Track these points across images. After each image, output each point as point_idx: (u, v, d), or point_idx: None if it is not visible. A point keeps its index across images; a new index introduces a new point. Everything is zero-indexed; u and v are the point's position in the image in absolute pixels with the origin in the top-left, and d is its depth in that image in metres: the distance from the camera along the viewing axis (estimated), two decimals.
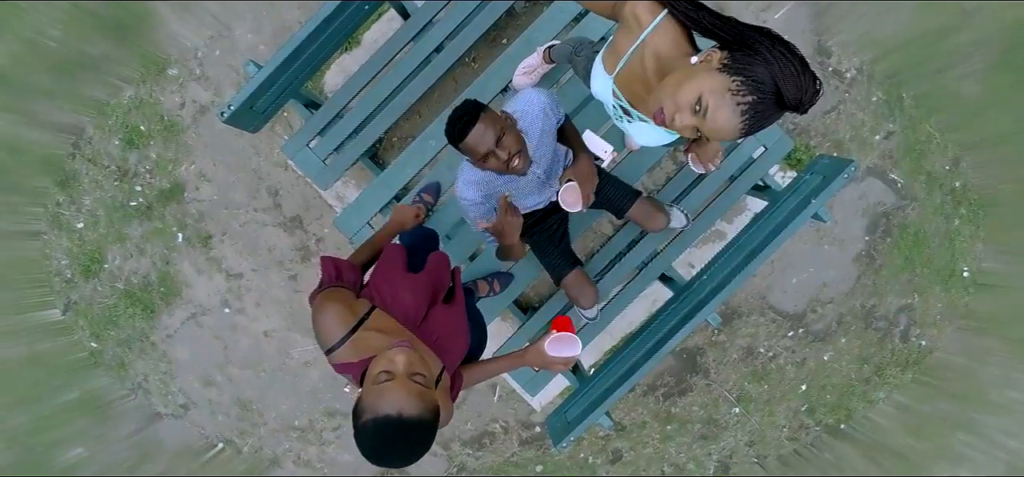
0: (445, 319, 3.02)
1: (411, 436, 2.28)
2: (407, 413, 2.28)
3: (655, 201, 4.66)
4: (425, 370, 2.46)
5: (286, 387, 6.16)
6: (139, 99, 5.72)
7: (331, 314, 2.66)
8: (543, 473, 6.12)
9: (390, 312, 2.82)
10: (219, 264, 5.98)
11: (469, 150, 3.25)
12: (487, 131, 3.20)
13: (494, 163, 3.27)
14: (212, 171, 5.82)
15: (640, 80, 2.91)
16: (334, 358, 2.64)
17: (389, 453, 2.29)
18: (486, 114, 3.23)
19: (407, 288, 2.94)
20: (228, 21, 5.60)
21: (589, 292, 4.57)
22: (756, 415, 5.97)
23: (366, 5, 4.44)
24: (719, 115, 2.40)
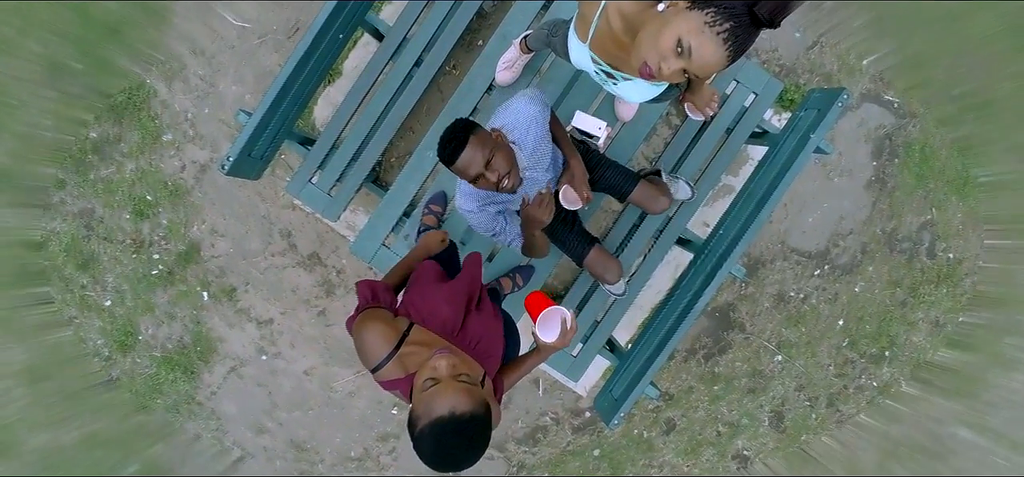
0: (482, 325, 3.02)
1: (467, 432, 2.29)
2: (459, 410, 2.30)
3: (656, 182, 4.64)
4: (469, 371, 2.50)
5: (335, 421, 6.12)
6: (141, 170, 5.72)
7: (373, 334, 2.68)
8: (601, 456, 6.04)
9: (428, 326, 2.83)
10: (248, 314, 5.96)
11: (460, 172, 3.19)
12: (476, 153, 3.13)
13: (484, 184, 3.22)
14: (223, 225, 5.80)
15: (612, 40, 2.93)
16: (380, 376, 2.65)
17: (451, 454, 2.29)
18: (475, 135, 3.16)
19: (442, 299, 2.93)
20: (211, 79, 5.59)
21: (612, 265, 4.50)
22: (799, 359, 5.86)
23: (340, 35, 4.41)
24: (704, 51, 2.41)
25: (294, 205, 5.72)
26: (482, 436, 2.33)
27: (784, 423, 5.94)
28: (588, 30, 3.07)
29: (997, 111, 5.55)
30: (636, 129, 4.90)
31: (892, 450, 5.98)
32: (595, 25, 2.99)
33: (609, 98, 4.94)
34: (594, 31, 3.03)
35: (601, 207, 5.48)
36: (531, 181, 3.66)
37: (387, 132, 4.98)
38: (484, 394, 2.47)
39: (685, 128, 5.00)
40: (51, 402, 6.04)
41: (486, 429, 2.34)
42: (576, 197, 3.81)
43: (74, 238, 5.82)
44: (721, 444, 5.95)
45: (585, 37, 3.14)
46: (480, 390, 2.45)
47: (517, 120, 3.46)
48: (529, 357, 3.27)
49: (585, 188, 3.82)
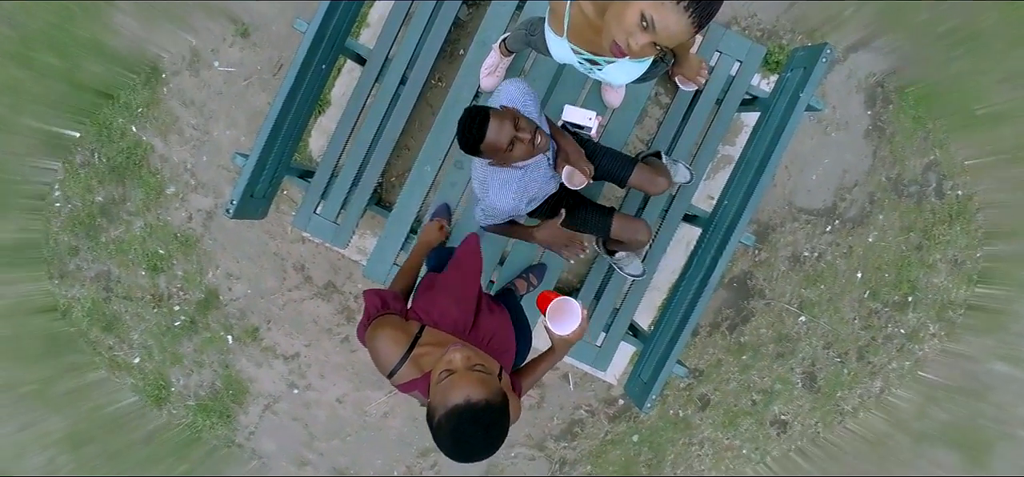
0: (493, 322, 3.00)
1: (483, 420, 2.27)
2: (475, 398, 2.27)
3: (654, 164, 4.60)
4: (483, 362, 2.47)
5: (374, 443, 6.11)
6: (149, 226, 5.75)
7: (386, 339, 2.67)
8: (641, 441, 5.98)
9: (439, 327, 2.81)
10: (274, 351, 5.96)
11: (491, 148, 3.21)
12: (502, 122, 3.18)
13: (520, 149, 3.25)
14: (238, 268, 5.81)
15: (589, 27, 2.98)
16: (397, 380, 2.64)
17: (468, 442, 2.27)
18: (493, 111, 3.20)
19: (451, 301, 2.91)
20: (205, 127, 5.61)
21: (640, 226, 4.40)
22: (823, 317, 5.78)
23: (323, 65, 4.41)
24: (667, 22, 2.47)
25: (303, 238, 5.71)
26: (499, 425, 2.31)
27: (817, 383, 5.86)
28: (562, 23, 3.11)
29: (985, 43, 5.44)
30: (627, 113, 4.86)
31: (931, 395, 5.90)
32: (568, 16, 3.03)
33: (596, 88, 4.92)
34: (568, 22, 3.07)
35: (603, 195, 5.39)
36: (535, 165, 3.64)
37: (383, 153, 4.97)
38: (500, 385, 2.44)
39: (676, 105, 4.95)
40: (96, 464, 6.08)
41: (502, 417, 2.31)
42: (579, 175, 3.78)
43: (95, 302, 5.86)
44: (757, 412, 5.88)
45: (561, 30, 3.17)
46: (495, 380, 2.43)
47: (512, 98, 3.44)
48: (544, 358, 3.22)
49: (584, 162, 3.79)
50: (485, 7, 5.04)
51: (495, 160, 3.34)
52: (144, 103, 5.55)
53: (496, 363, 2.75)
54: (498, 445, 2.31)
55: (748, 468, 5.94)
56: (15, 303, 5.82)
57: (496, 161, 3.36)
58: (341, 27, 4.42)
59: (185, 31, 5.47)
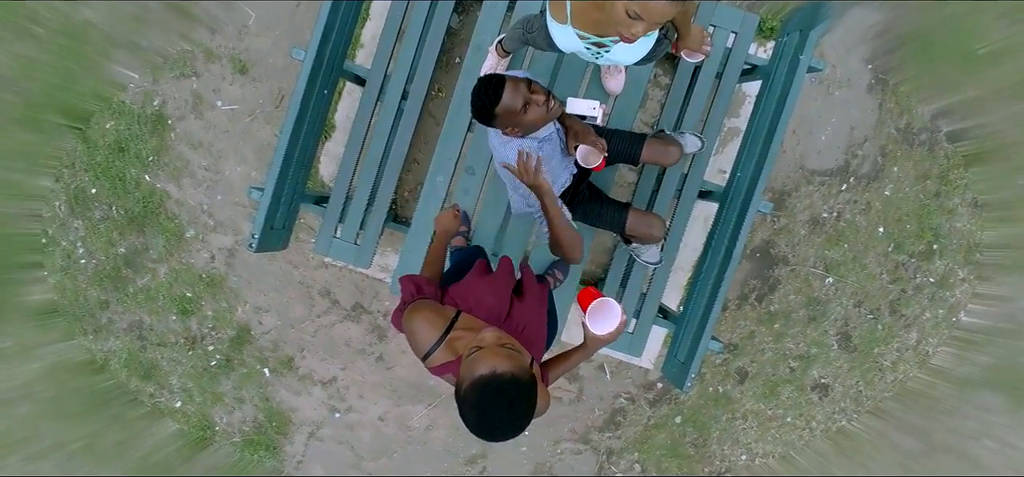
0: (526, 312, 3.01)
1: (508, 393, 2.27)
2: (500, 370, 2.28)
3: (663, 136, 4.57)
4: (513, 344, 2.48)
5: (421, 457, 6.11)
6: (174, 271, 5.79)
7: (422, 322, 2.71)
8: (684, 421, 5.94)
9: (475, 314, 2.83)
10: (311, 378, 5.97)
11: (506, 112, 3.25)
12: (518, 85, 3.22)
13: (534, 112, 3.28)
14: (265, 301, 5.83)
15: (593, 7, 3.01)
16: (431, 362, 2.65)
17: (491, 415, 2.29)
18: (505, 78, 3.24)
19: (487, 289, 2.94)
20: (215, 167, 5.65)
21: (654, 220, 4.45)
22: (850, 276, 5.70)
23: (324, 91, 4.44)
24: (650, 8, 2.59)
25: (325, 263, 5.72)
26: (524, 400, 2.30)
27: (853, 342, 5.79)
28: (565, 11, 3.16)
29: None
30: (629, 98, 4.82)
31: (969, 339, 5.81)
32: (569, 4, 3.09)
33: (596, 78, 4.91)
34: (570, 10, 3.12)
35: (616, 182, 5.38)
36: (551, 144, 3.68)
37: (393, 170, 4.98)
38: (528, 364, 2.45)
39: (676, 84, 4.93)
40: None
41: (528, 394, 2.30)
42: (594, 151, 3.80)
43: (131, 352, 5.90)
44: (796, 379, 5.82)
45: (565, 18, 3.22)
46: (524, 357, 2.47)
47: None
48: (575, 352, 3.22)
49: (595, 137, 3.81)
50: (476, 13, 5.04)
51: (510, 129, 3.37)
52: (154, 151, 5.60)
53: (528, 354, 2.74)
54: (522, 423, 2.33)
55: (793, 435, 5.88)
56: (54, 363, 5.88)
57: (511, 130, 3.38)
58: (337, 51, 4.44)
59: (186, 76, 5.51)
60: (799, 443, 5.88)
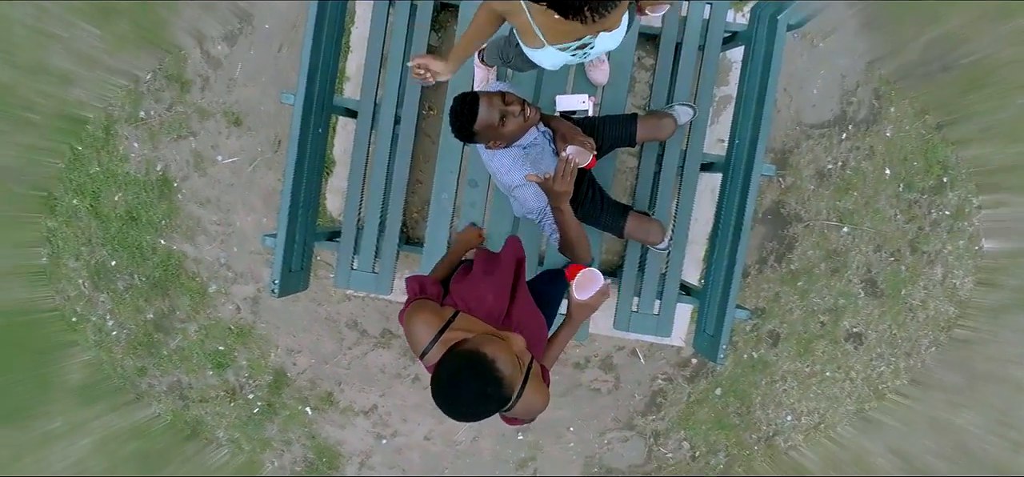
0: (525, 312, 3.05)
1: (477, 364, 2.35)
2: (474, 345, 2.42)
3: (655, 112, 4.59)
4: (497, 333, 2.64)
5: (472, 469, 6.11)
6: (203, 328, 5.84)
7: (419, 321, 2.75)
8: (724, 393, 5.90)
9: (474, 314, 2.87)
10: (352, 409, 5.98)
11: (485, 127, 3.29)
12: (492, 99, 3.26)
13: (512, 123, 3.32)
14: (295, 342, 5.86)
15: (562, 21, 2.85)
16: (428, 360, 2.69)
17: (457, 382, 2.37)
18: (479, 93, 3.28)
19: (487, 289, 2.97)
20: (226, 220, 5.70)
21: (653, 227, 4.47)
22: (865, 222, 5.63)
23: (319, 129, 4.45)
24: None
25: (348, 295, 5.74)
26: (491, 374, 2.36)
27: (879, 287, 5.71)
28: (536, 35, 3.13)
29: None
30: (617, 85, 4.81)
31: (995, 266, 5.70)
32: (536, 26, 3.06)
33: (581, 72, 4.89)
34: (540, 31, 3.09)
35: (617, 168, 5.35)
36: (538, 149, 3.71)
37: (398, 194, 4.99)
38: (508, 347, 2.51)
39: (661, 63, 4.90)
40: None
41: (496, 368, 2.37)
42: (582, 151, 3.68)
43: (175, 413, 5.96)
44: (829, 333, 5.75)
45: (540, 43, 3.20)
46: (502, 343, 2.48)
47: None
48: (562, 330, 3.30)
49: (581, 135, 3.80)
50: (453, 28, 5.08)
51: (492, 142, 3.40)
52: (165, 215, 5.66)
53: (528, 353, 2.81)
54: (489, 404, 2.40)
55: (835, 389, 5.81)
56: (102, 437, 5.95)
57: (493, 143, 3.41)
58: (325, 88, 4.45)
59: (183, 137, 5.59)
60: (842, 395, 5.80)
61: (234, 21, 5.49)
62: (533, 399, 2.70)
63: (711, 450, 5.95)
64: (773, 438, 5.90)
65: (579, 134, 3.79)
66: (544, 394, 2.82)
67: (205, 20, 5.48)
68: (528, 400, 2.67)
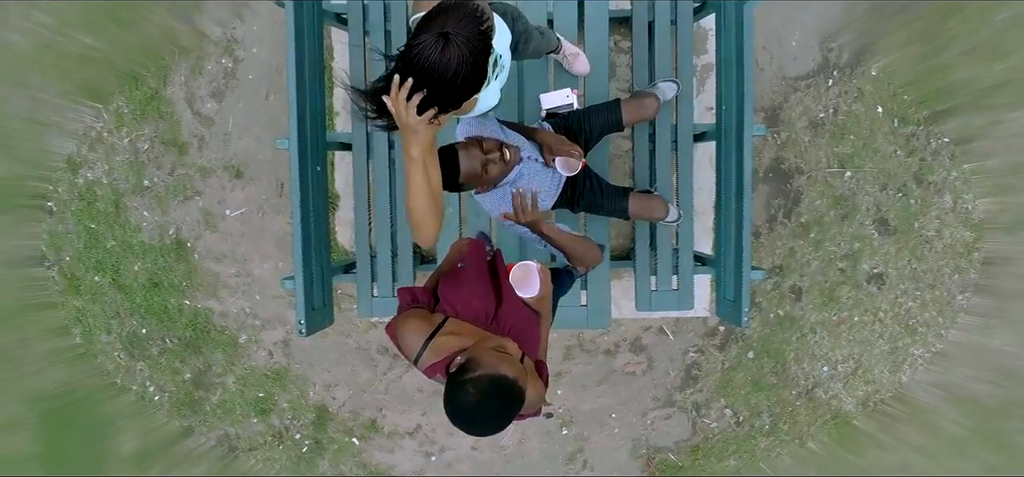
0: (515, 310, 3.06)
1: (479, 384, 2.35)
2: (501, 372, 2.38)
3: (637, 94, 4.55)
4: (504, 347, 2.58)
5: (523, 469, 6.12)
6: (240, 378, 5.93)
7: (409, 329, 2.74)
8: (757, 354, 5.86)
9: (462, 318, 2.88)
10: (397, 432, 6.03)
11: (470, 178, 3.31)
12: (469, 150, 3.28)
13: (494, 168, 3.33)
14: (331, 377, 5.92)
15: None
16: (421, 365, 2.70)
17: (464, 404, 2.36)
18: (457, 147, 3.31)
19: (471, 293, 2.98)
20: (244, 270, 5.80)
21: (655, 203, 4.46)
22: (866, 163, 5.55)
23: (317, 168, 4.49)
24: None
25: (373, 323, 5.77)
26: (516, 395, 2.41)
27: (891, 225, 5.63)
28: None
29: None
30: (597, 74, 4.82)
31: (1002, 184, 5.59)
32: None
33: (560, 69, 4.88)
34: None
35: (612, 153, 5.36)
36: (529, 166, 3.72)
37: (405, 218, 4.94)
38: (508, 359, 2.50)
39: (637, 45, 4.86)
40: None
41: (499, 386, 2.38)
42: (569, 160, 3.76)
43: (225, 466, 6.03)
44: (850, 278, 5.69)
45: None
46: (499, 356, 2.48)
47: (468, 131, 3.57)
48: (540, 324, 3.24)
49: (568, 145, 3.78)
50: None
51: (480, 188, 3.42)
52: (184, 276, 5.77)
53: (519, 350, 2.81)
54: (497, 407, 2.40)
55: (866, 332, 5.77)
56: None
57: (480, 188, 3.43)
58: (316, 127, 4.49)
59: (190, 198, 5.69)
60: (873, 337, 5.74)
61: (219, 77, 5.58)
62: (532, 396, 2.67)
63: (754, 413, 5.92)
64: (813, 391, 5.85)
65: (565, 144, 3.79)
66: (539, 387, 2.82)
67: (193, 81, 5.59)
68: (528, 398, 2.63)
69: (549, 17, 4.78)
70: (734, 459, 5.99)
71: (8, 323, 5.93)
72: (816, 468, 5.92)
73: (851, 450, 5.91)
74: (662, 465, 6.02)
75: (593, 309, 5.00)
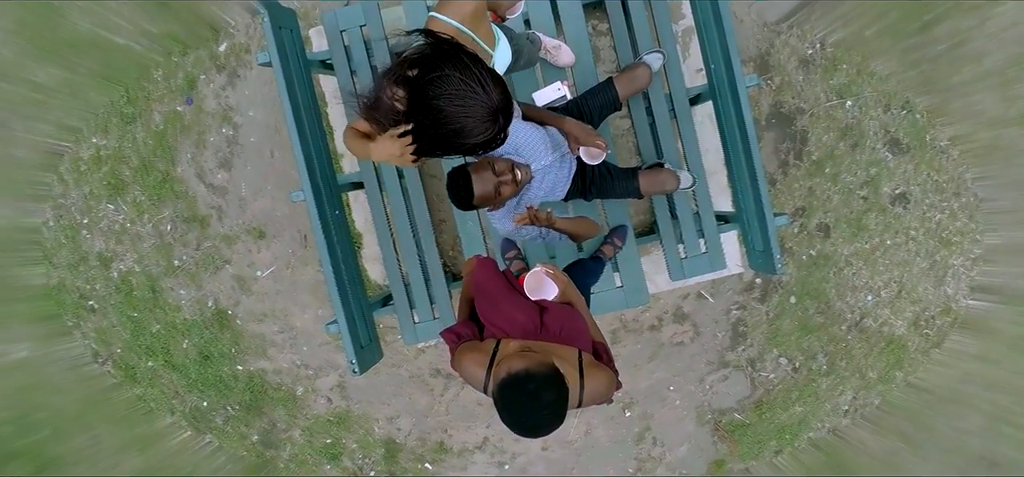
0: (557, 310, 3.08)
1: (535, 395, 2.43)
2: (515, 368, 2.48)
3: (626, 67, 4.52)
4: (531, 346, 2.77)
5: (596, 459, 6.11)
6: (306, 430, 6.04)
7: (469, 364, 2.82)
8: (798, 298, 5.79)
9: (512, 336, 2.91)
10: (466, 449, 6.07)
11: (483, 199, 3.29)
12: (482, 173, 3.25)
13: (507, 189, 3.30)
14: (392, 409, 5.98)
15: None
16: (492, 393, 2.69)
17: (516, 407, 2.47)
18: (470, 168, 3.28)
19: (516, 307, 3.03)
20: (287, 324, 5.89)
21: (664, 175, 4.45)
22: (864, 89, 5.44)
23: (335, 211, 4.54)
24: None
25: (421, 349, 5.81)
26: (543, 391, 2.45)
27: (903, 143, 5.51)
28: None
29: None
30: (583, 60, 4.80)
31: (1004, 79, 5.41)
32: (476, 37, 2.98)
33: (546, 64, 4.87)
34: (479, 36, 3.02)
35: (614, 134, 5.38)
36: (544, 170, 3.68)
37: (428, 241, 5.06)
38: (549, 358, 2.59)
39: (615, 24, 4.83)
40: None
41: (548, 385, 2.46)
42: (596, 150, 3.82)
43: None
44: (873, 203, 5.59)
45: (492, 44, 3.18)
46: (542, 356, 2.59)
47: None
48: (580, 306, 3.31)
49: (594, 136, 3.80)
50: None
51: (493, 206, 3.41)
52: (231, 343, 5.88)
53: (573, 350, 2.87)
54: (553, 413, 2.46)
55: (901, 253, 5.66)
56: None
57: (494, 207, 3.43)
58: (326, 173, 4.54)
59: (219, 267, 5.79)
60: (909, 257, 5.64)
61: (223, 147, 5.67)
62: (596, 386, 2.76)
63: (808, 356, 5.85)
64: (862, 322, 5.77)
65: (592, 135, 3.80)
66: (606, 373, 2.85)
67: (199, 156, 5.67)
68: (591, 389, 2.74)
69: (524, 17, 4.77)
70: (799, 406, 5.93)
71: (77, 425, 6.08)
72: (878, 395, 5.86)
73: (911, 372, 5.83)
74: (730, 426, 5.98)
75: (629, 288, 4.99)
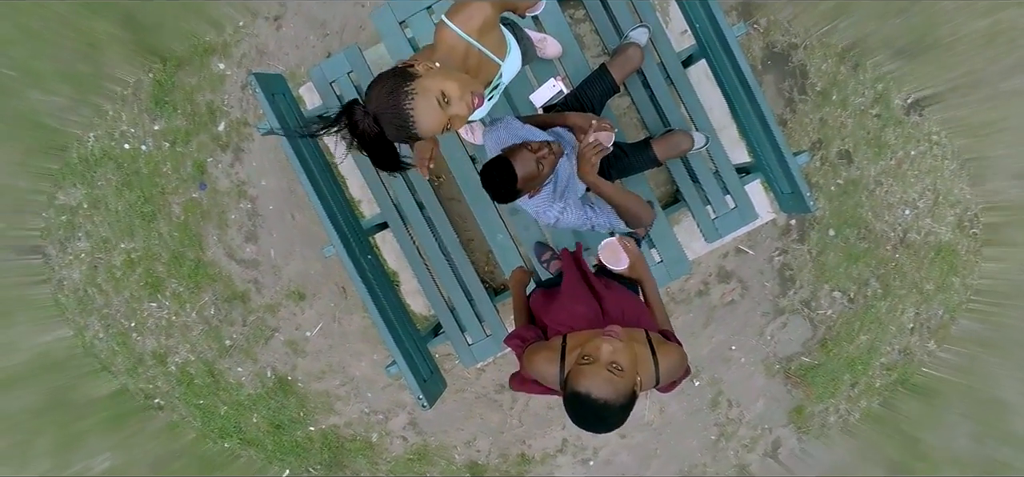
0: (619, 297, 3.08)
1: (601, 414, 2.44)
2: (595, 394, 2.42)
3: (616, 50, 4.55)
4: (626, 361, 2.54)
5: (678, 436, 6.06)
6: (391, 473, 6.07)
7: (541, 362, 2.78)
8: (837, 231, 5.68)
9: (577, 329, 2.88)
10: (549, 454, 6.08)
11: (527, 180, 3.26)
12: (521, 153, 3.24)
13: (547, 162, 3.30)
14: (467, 433, 6.02)
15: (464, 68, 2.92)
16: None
17: (584, 420, 2.49)
18: (510, 156, 3.25)
19: (575, 300, 3.04)
20: (346, 376, 5.94)
21: (677, 138, 4.49)
22: (857, 9, 5.28)
23: (368, 256, 4.63)
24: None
25: (481, 368, 5.82)
26: (613, 417, 2.45)
27: (905, 50, 5.31)
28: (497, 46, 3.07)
29: None
30: (570, 51, 4.77)
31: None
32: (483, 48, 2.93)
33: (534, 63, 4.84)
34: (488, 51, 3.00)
35: (618, 115, 5.39)
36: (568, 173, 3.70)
37: (463, 263, 5.06)
38: (631, 384, 2.52)
39: (594, 9, 4.77)
40: None
41: (619, 413, 2.45)
42: (604, 134, 3.74)
43: None
44: (889, 117, 5.45)
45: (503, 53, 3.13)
46: (626, 381, 2.50)
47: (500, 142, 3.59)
48: (645, 293, 3.31)
49: (599, 122, 3.75)
50: None
51: (532, 189, 3.38)
52: (298, 407, 5.95)
53: (640, 331, 2.85)
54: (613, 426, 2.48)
55: (928, 160, 5.53)
56: None
57: (533, 190, 3.40)
58: (349, 221, 4.60)
59: (269, 337, 5.87)
60: (938, 162, 5.51)
61: (245, 221, 5.73)
62: (670, 361, 2.74)
63: (861, 284, 5.76)
64: (906, 238, 5.66)
65: (599, 122, 3.75)
66: (676, 350, 2.82)
67: (224, 236, 5.75)
68: (666, 366, 2.73)
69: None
70: (863, 335, 5.85)
71: None
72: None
73: (967, 275, 5.72)
74: (801, 371, 5.89)
75: (669, 260, 4.96)
